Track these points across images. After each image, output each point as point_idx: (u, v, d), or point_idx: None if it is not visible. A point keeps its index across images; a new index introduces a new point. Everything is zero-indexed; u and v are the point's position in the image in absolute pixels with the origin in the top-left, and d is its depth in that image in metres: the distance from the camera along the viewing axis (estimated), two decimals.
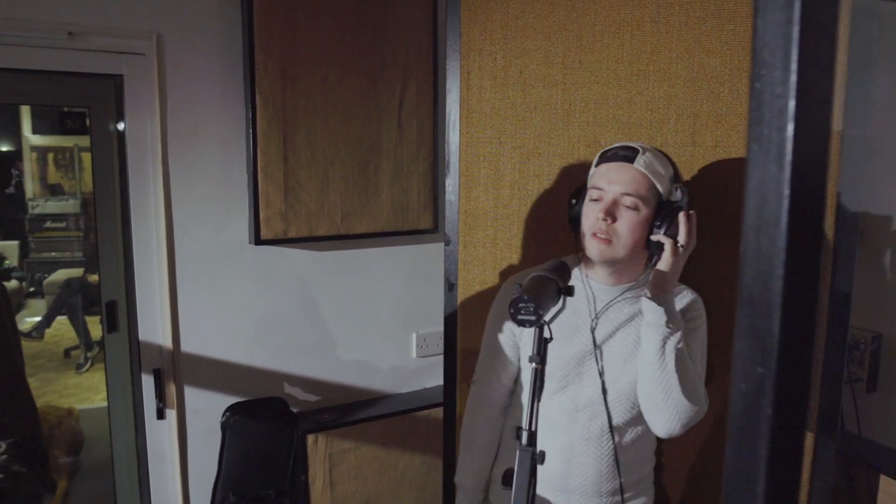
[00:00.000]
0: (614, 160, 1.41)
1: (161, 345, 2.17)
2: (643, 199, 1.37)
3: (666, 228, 1.36)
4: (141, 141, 2.10)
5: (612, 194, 1.38)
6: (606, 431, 1.46)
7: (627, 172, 1.38)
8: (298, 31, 2.16)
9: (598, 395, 1.44)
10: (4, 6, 1.87)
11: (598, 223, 1.37)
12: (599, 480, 1.50)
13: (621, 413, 1.46)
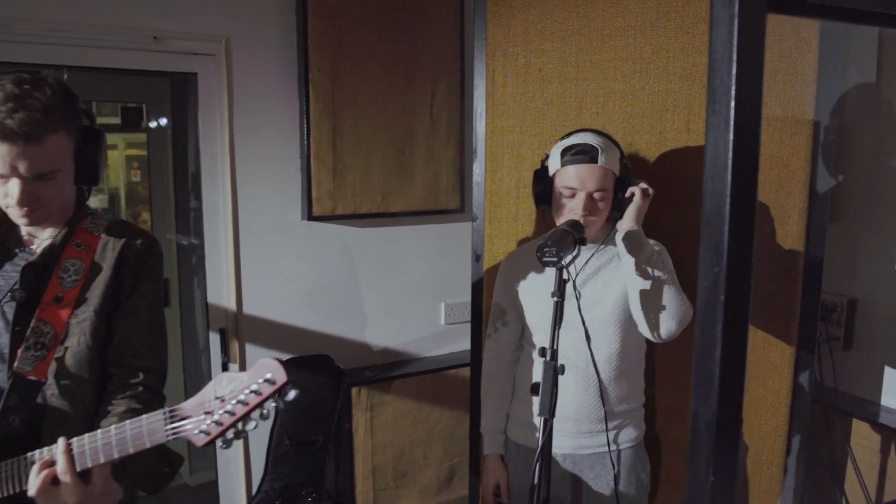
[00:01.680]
0: (581, 162, 1.68)
1: (226, 307, 2.50)
2: (608, 189, 1.70)
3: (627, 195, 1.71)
4: (211, 130, 2.43)
5: (585, 192, 1.68)
6: (590, 365, 1.71)
7: (595, 172, 1.67)
8: (345, 35, 2.48)
9: (581, 334, 1.71)
10: (98, 14, 2.20)
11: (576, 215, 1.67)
12: (587, 409, 1.76)
13: (601, 348, 1.73)
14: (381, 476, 2.67)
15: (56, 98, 1.24)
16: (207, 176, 2.45)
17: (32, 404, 1.28)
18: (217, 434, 1.06)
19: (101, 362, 1.36)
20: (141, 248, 1.40)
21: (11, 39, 2.11)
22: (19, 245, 1.38)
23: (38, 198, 1.27)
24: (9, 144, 1.19)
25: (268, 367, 1.05)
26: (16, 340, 1.30)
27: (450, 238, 2.84)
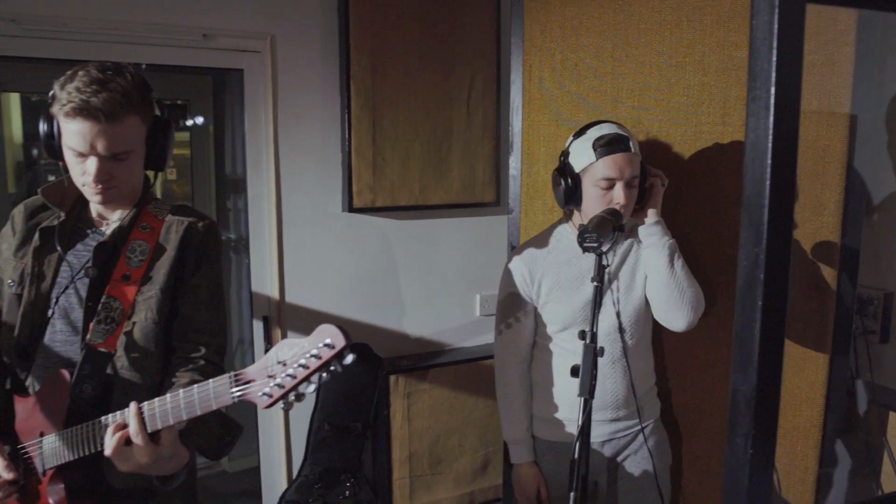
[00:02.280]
0: (618, 150, 1.67)
1: (269, 296, 2.59)
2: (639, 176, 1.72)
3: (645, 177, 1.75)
4: (256, 125, 2.52)
5: (624, 181, 1.67)
6: (622, 353, 1.76)
7: (633, 159, 1.68)
8: (385, 32, 2.55)
9: (614, 323, 1.75)
10: (151, 13, 2.30)
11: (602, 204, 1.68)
12: (625, 395, 1.80)
13: (632, 334, 1.78)
14: (418, 463, 2.74)
15: (134, 85, 1.34)
16: (252, 169, 2.54)
17: (103, 374, 1.38)
18: (279, 396, 1.12)
19: (166, 337, 1.44)
20: (202, 231, 1.48)
21: (72, 38, 2.22)
22: (90, 226, 1.48)
23: (111, 176, 1.36)
24: (91, 122, 1.29)
25: (328, 333, 1.10)
26: (88, 315, 1.39)
27: (485, 231, 2.90)
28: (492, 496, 2.89)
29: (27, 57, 2.26)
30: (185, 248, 1.46)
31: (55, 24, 2.18)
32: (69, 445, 1.31)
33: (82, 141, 1.31)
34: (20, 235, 1.47)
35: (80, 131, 1.30)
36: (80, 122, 1.29)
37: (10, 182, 3.75)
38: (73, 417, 1.33)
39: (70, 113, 1.29)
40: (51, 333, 1.42)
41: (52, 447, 1.34)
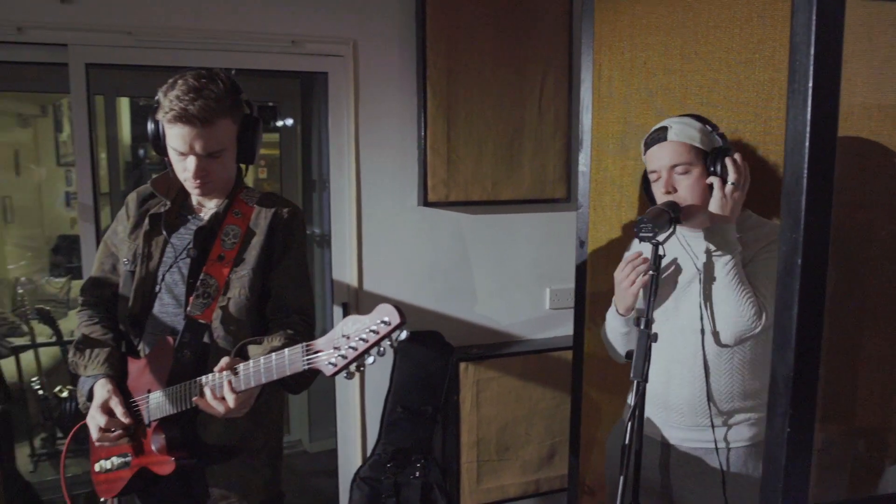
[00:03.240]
0: (653, 144, 1.72)
1: (349, 284, 2.76)
2: (689, 162, 1.66)
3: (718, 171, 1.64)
4: (339, 124, 2.70)
5: (664, 170, 1.68)
6: (699, 358, 1.68)
7: (666, 148, 1.68)
8: (460, 35, 2.67)
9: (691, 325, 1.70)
10: (243, 22, 2.51)
11: (665, 198, 1.69)
12: (693, 403, 1.71)
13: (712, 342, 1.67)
14: (485, 448, 2.84)
15: (225, 90, 1.52)
16: (335, 165, 2.72)
17: (201, 341, 1.57)
18: (343, 366, 1.26)
19: (256, 311, 1.62)
20: (287, 217, 1.66)
21: (177, 46, 2.47)
22: (191, 213, 1.68)
23: (208, 172, 1.55)
24: (189, 127, 1.48)
25: (385, 311, 1.23)
26: (189, 290, 1.59)
27: (556, 226, 2.97)
28: (557, 485, 2.96)
29: (139, 65, 2.53)
30: (273, 233, 1.64)
31: (164, 34, 2.43)
32: (171, 401, 1.51)
33: (182, 143, 1.50)
34: (133, 220, 1.69)
35: (181, 135, 1.50)
36: (180, 127, 1.49)
37: (120, 179, 4.11)
38: (175, 378, 1.52)
39: (171, 119, 1.48)
40: (158, 306, 1.63)
41: (156, 402, 1.54)
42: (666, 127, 1.71)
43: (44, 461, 3.83)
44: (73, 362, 1.64)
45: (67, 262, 5.78)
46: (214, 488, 1.63)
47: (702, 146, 1.68)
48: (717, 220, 1.63)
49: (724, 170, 1.64)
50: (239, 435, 1.62)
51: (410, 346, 2.73)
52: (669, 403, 1.76)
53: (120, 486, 1.61)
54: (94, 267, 1.76)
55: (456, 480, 2.82)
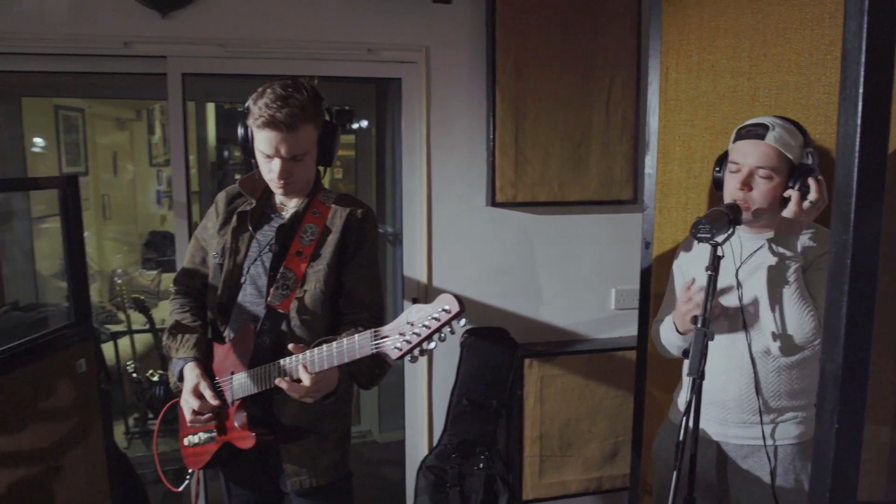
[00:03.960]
0: (748, 137, 1.68)
1: (419, 280, 2.89)
2: (775, 169, 1.65)
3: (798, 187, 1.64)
4: (411, 127, 2.82)
5: (747, 167, 1.67)
6: (746, 356, 1.72)
7: (759, 148, 1.66)
8: (529, 39, 2.75)
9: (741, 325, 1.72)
10: (323, 32, 2.67)
11: (737, 192, 1.69)
12: (740, 399, 1.74)
13: (760, 342, 1.71)
14: (548, 443, 2.91)
15: (309, 98, 1.66)
16: (407, 167, 2.85)
17: (279, 329, 1.72)
18: (407, 350, 1.37)
19: (330, 304, 1.76)
20: (361, 217, 1.78)
21: (264, 56, 2.65)
22: (274, 211, 1.83)
23: (291, 174, 1.70)
24: (276, 132, 1.63)
25: (446, 300, 1.34)
26: (270, 282, 1.74)
27: (622, 227, 3.00)
28: (619, 484, 2.99)
29: (228, 74, 2.73)
30: (347, 232, 1.76)
31: (252, 45, 2.61)
32: (252, 382, 1.66)
33: (269, 146, 1.65)
34: (222, 217, 1.85)
35: (268, 139, 1.64)
36: (268, 132, 1.63)
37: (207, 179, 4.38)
38: (256, 361, 1.68)
39: (261, 125, 1.63)
40: (243, 295, 1.79)
41: (239, 383, 1.69)
42: (767, 126, 1.68)
43: (136, 439, 4.14)
44: (167, 345, 1.82)
45: (158, 256, 6.17)
46: (288, 465, 1.77)
47: (793, 158, 1.67)
48: (784, 228, 1.64)
49: (805, 187, 1.64)
50: (310, 418, 1.74)
51: (476, 341, 2.82)
52: (719, 400, 1.78)
53: (206, 459, 1.79)
54: (185, 259, 1.94)
55: (518, 473, 2.90)
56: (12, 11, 2.43)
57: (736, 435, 1.79)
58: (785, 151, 1.66)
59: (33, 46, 2.47)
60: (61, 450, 2.20)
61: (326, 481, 1.80)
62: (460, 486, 2.82)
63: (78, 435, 2.28)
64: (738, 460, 1.79)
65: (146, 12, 2.51)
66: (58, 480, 2.17)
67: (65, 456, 2.21)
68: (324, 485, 1.80)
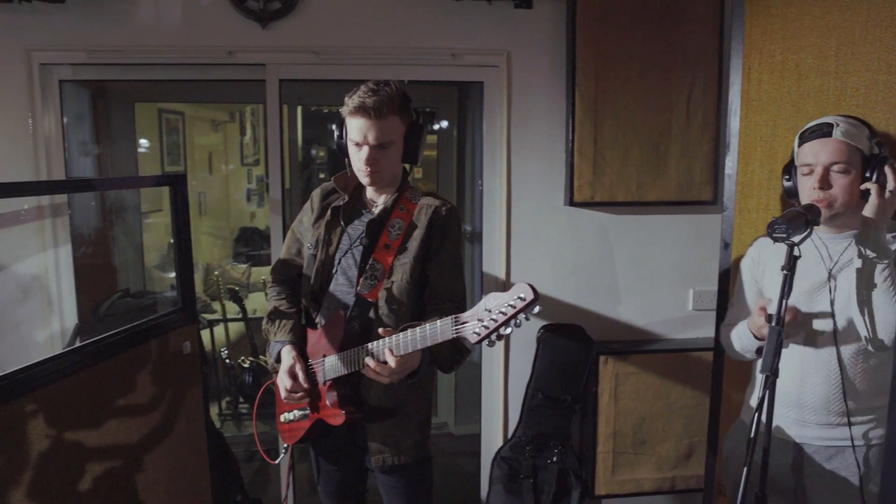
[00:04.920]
0: (815, 137, 1.69)
1: (497, 276, 2.98)
2: (849, 163, 1.65)
3: (875, 178, 1.63)
4: (492, 128, 2.92)
5: (821, 166, 1.67)
6: (834, 358, 1.70)
7: (829, 145, 1.66)
8: (609, 42, 2.79)
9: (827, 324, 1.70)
10: (409, 39, 2.80)
11: (815, 193, 1.68)
12: (827, 401, 1.72)
13: (848, 343, 1.69)
14: (622, 440, 2.94)
15: (397, 93, 1.81)
16: (488, 167, 2.94)
17: (367, 316, 1.85)
18: (485, 335, 1.45)
19: (416, 294, 1.87)
20: (445, 214, 1.89)
21: (353, 62, 2.81)
22: (365, 207, 1.96)
23: (377, 161, 1.82)
24: (365, 118, 1.77)
25: (521, 289, 1.41)
26: (360, 273, 1.87)
27: (701, 228, 2.99)
28: (693, 485, 2.98)
29: (320, 79, 2.91)
30: (432, 228, 1.87)
31: (343, 52, 2.78)
32: (342, 364, 1.80)
33: (359, 133, 1.79)
34: (317, 211, 2.00)
35: (358, 126, 1.79)
36: (359, 119, 1.78)
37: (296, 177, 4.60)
38: (346, 345, 1.81)
39: (352, 112, 1.78)
40: (334, 285, 1.92)
41: (331, 365, 1.83)
42: (832, 123, 1.69)
43: (228, 420, 4.42)
44: (265, 329, 1.99)
45: (248, 250, 6.51)
46: (373, 443, 1.90)
47: (864, 150, 1.67)
48: (870, 225, 1.62)
49: (882, 177, 1.64)
50: (395, 400, 1.87)
51: (552, 337, 2.88)
52: (803, 402, 1.77)
53: (300, 435, 1.94)
54: (282, 251, 2.10)
55: (591, 469, 2.94)
56: (131, 27, 2.69)
57: (818, 436, 1.77)
58: (855, 144, 1.66)
59: (148, 57, 2.72)
60: (168, 423, 2.41)
61: (408, 460, 1.92)
62: (533, 478, 2.89)
63: (184, 411, 2.49)
64: (821, 462, 1.77)
65: (248, 24, 2.71)
66: (166, 452, 2.39)
67: (171, 428, 2.43)
68: (406, 463, 1.91)
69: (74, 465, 1.94)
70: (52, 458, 1.86)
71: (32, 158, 2.71)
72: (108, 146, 3.80)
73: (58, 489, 1.88)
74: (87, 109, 3.45)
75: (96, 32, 2.67)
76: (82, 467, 1.97)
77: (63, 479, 1.90)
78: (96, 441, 2.04)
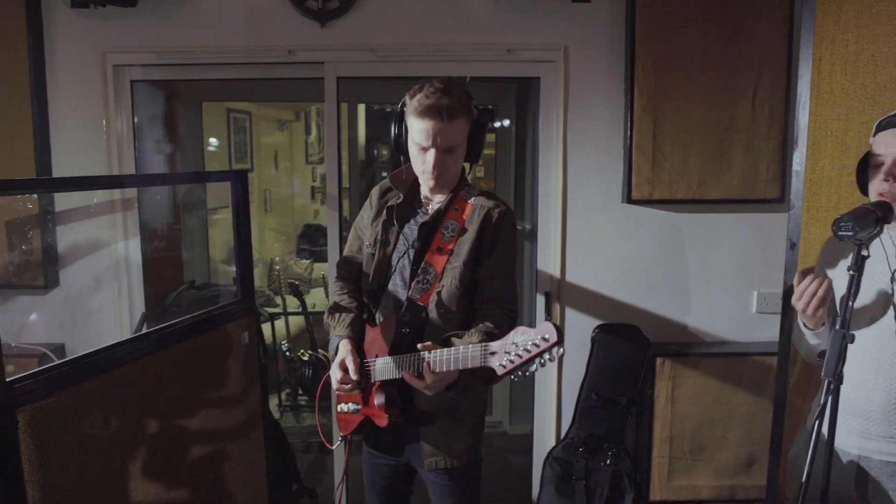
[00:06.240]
0: (890, 127, 1.61)
1: (552, 274, 2.94)
2: None
3: None
4: (549, 124, 2.89)
5: (891, 157, 1.59)
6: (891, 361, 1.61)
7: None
8: (670, 37, 2.71)
9: (891, 328, 1.62)
10: (466, 35, 2.80)
11: (882, 185, 1.59)
12: (888, 409, 1.63)
13: None
14: (678, 445, 2.85)
15: (463, 94, 1.76)
16: (543, 163, 2.91)
17: (419, 321, 1.83)
18: (510, 369, 1.46)
19: (465, 300, 1.84)
20: (497, 216, 1.84)
21: (411, 59, 2.83)
22: (420, 206, 1.95)
23: (445, 165, 1.78)
24: (435, 121, 1.71)
25: (546, 329, 1.41)
26: (412, 276, 1.86)
27: (767, 227, 2.88)
28: (755, 495, 2.87)
29: (378, 77, 2.94)
30: (483, 231, 1.83)
31: (400, 50, 2.80)
32: (390, 368, 1.80)
33: (426, 137, 1.73)
34: (375, 210, 2.00)
35: (426, 129, 1.72)
36: (426, 121, 1.71)
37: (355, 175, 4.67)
38: (396, 348, 1.81)
39: (420, 114, 1.71)
40: (392, 284, 1.92)
41: (380, 366, 1.84)
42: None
43: (287, 412, 4.53)
44: (327, 323, 2.01)
45: (311, 247, 6.66)
46: (426, 445, 1.89)
47: None
48: None
49: None
50: (447, 403, 1.84)
51: (608, 336, 2.83)
52: (862, 410, 1.69)
53: (352, 427, 1.97)
54: (346, 247, 2.12)
55: (646, 473, 2.87)
56: (197, 28, 2.79)
57: (879, 450, 1.67)
58: None
59: (213, 57, 2.82)
60: (227, 410, 2.49)
61: (461, 464, 1.90)
62: (586, 479, 2.84)
63: (241, 399, 2.57)
64: (881, 479, 1.67)
65: (308, 23, 2.77)
66: (223, 438, 2.47)
67: (229, 416, 2.50)
68: (457, 467, 1.90)
69: (135, 445, 2.03)
70: (114, 438, 1.95)
71: (105, 156, 2.85)
72: (177, 145, 3.96)
73: (118, 469, 1.97)
74: (160, 110, 3.61)
75: (165, 34, 2.79)
76: (142, 448, 2.06)
77: (123, 459, 1.98)
78: (156, 424, 2.12)
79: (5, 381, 1.63)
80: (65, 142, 2.84)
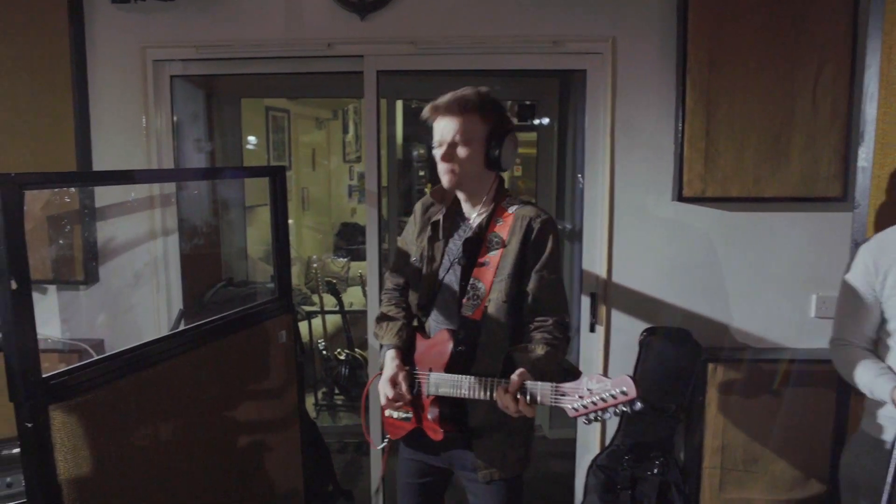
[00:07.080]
0: None
1: (598, 274, 2.83)
2: None
3: None
4: (595, 119, 2.77)
5: None
6: None
7: None
8: (724, 28, 2.58)
9: None
10: (508, 27, 2.71)
11: None
12: None
13: None
14: (730, 456, 2.72)
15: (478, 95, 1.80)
16: (590, 159, 2.80)
17: (473, 337, 1.80)
18: (582, 413, 1.50)
19: (512, 313, 1.80)
20: (538, 227, 1.80)
21: (452, 52, 2.75)
22: (462, 219, 1.93)
23: (452, 158, 1.79)
24: (439, 116, 1.80)
25: (625, 383, 1.45)
26: (461, 292, 1.83)
27: (827, 227, 2.72)
28: None
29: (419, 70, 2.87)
30: (526, 243, 1.80)
31: (441, 43, 2.73)
32: (446, 385, 1.77)
33: (436, 133, 1.81)
34: (419, 225, 2.00)
35: (438, 126, 1.80)
36: (439, 119, 1.81)
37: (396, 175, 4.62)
38: (452, 365, 1.78)
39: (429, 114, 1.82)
40: (440, 298, 1.90)
41: (435, 381, 1.80)
42: None
43: (323, 411, 4.50)
44: (376, 333, 2.01)
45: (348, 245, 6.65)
46: (479, 459, 1.85)
47: None
48: None
49: None
50: (500, 416, 1.76)
51: (656, 340, 2.71)
52: None
53: (401, 434, 1.94)
54: (392, 261, 2.12)
55: (696, 484, 2.74)
56: (236, 22, 2.76)
57: None
58: None
59: (252, 51, 2.78)
60: (262, 408, 2.45)
61: (512, 475, 1.88)
62: (632, 489, 2.73)
63: (277, 396, 2.53)
64: None
65: (347, 16, 2.72)
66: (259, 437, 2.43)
67: (265, 414, 2.47)
68: (509, 477, 1.87)
69: (171, 443, 2.00)
70: (151, 435, 1.92)
71: (145, 151, 2.84)
72: (216, 141, 3.95)
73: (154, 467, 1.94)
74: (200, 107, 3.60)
75: (204, 28, 2.76)
76: (177, 447, 2.03)
77: (159, 457, 1.96)
78: (192, 422, 2.09)
79: (41, 377, 1.61)
80: (105, 137, 2.84)
